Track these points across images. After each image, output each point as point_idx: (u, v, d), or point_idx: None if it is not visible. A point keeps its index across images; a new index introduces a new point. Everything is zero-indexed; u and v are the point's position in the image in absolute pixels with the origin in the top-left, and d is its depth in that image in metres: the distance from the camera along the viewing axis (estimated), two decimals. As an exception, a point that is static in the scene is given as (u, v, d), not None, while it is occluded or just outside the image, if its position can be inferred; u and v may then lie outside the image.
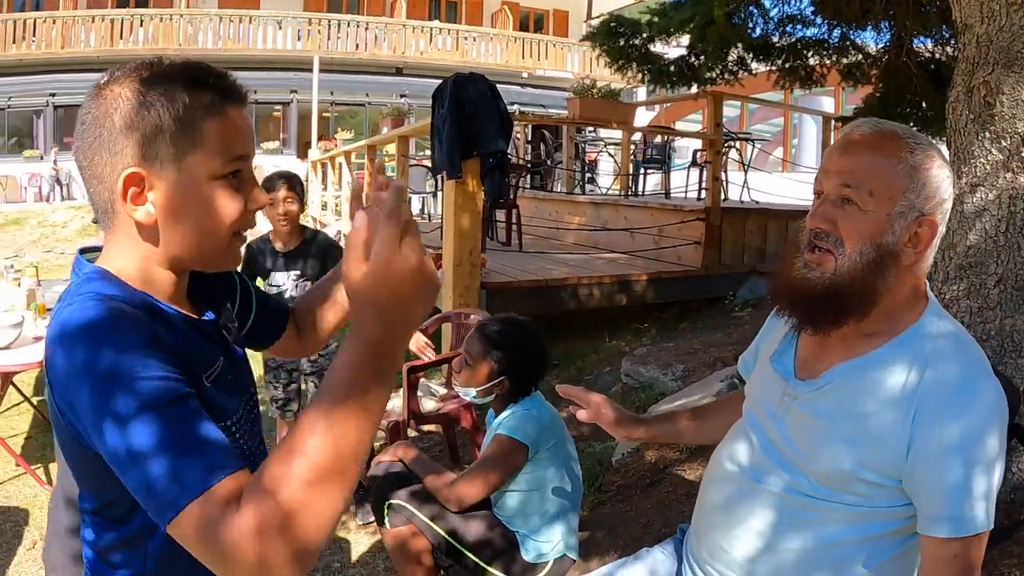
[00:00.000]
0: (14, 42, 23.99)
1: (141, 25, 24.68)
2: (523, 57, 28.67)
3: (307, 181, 20.68)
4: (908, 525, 1.58)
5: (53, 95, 24.73)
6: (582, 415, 2.11)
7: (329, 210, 15.30)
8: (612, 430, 2.13)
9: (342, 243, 12.17)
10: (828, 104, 16.68)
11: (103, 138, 1.25)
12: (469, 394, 3.24)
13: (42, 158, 24.20)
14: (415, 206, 14.81)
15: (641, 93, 21.60)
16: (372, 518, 4.90)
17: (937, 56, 7.91)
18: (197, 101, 1.24)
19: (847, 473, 1.57)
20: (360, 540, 4.60)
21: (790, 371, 1.76)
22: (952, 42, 7.50)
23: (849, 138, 1.64)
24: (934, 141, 1.64)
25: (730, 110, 17.43)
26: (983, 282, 2.93)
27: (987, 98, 2.88)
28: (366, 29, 26.77)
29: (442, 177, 8.79)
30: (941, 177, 1.58)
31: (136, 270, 1.30)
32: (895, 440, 1.53)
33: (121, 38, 24.44)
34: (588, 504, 4.31)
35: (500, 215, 9.43)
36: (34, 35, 24.08)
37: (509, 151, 8.36)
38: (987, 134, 2.89)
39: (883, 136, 1.60)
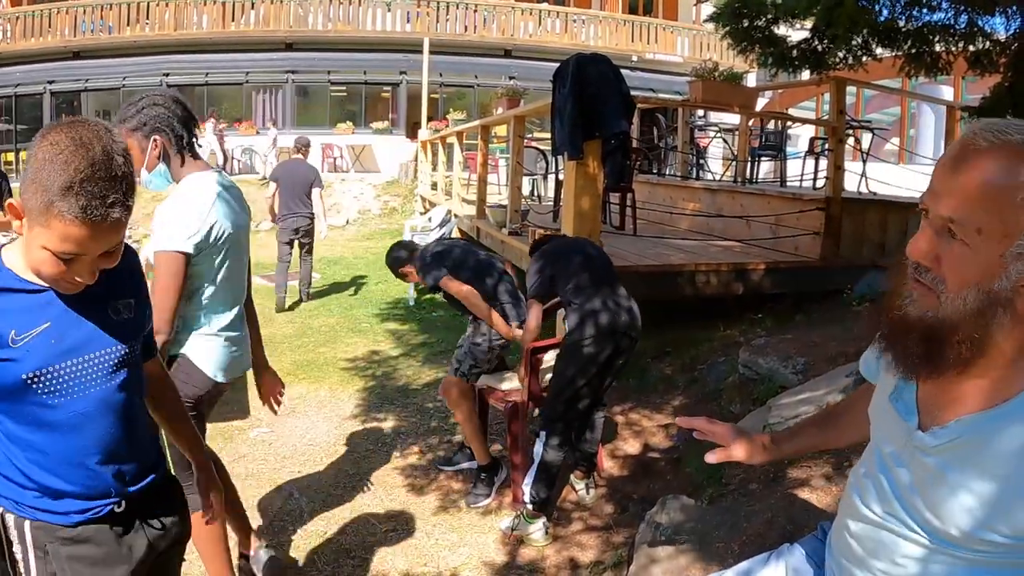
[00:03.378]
0: (128, 24, 24.63)
1: (252, 7, 25.12)
2: (632, 40, 28.48)
3: (416, 161, 20.91)
4: None
5: (167, 75, 25.37)
6: (711, 458, 1.92)
7: (439, 190, 15.37)
8: (748, 461, 1.95)
9: (454, 224, 12.25)
10: (947, 93, 16.23)
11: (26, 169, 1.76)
12: None
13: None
14: (525, 188, 14.82)
15: (751, 79, 21.27)
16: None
17: (1072, 44, 7.61)
18: (61, 204, 1.69)
19: (979, 539, 1.37)
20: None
21: (912, 414, 1.52)
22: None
23: (961, 152, 1.32)
24: None
25: (847, 98, 17.04)
26: None
27: None
28: (475, 11, 26.88)
29: (554, 159, 8.77)
30: None
31: (21, 257, 1.88)
32: None
33: (232, 20, 25.00)
34: (708, 495, 4.25)
35: (614, 199, 9.35)
36: (147, 18, 24.71)
37: (630, 134, 8.28)
38: None
39: (1003, 152, 1.27)
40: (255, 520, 4.65)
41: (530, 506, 4.57)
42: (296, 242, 11.15)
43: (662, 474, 5.11)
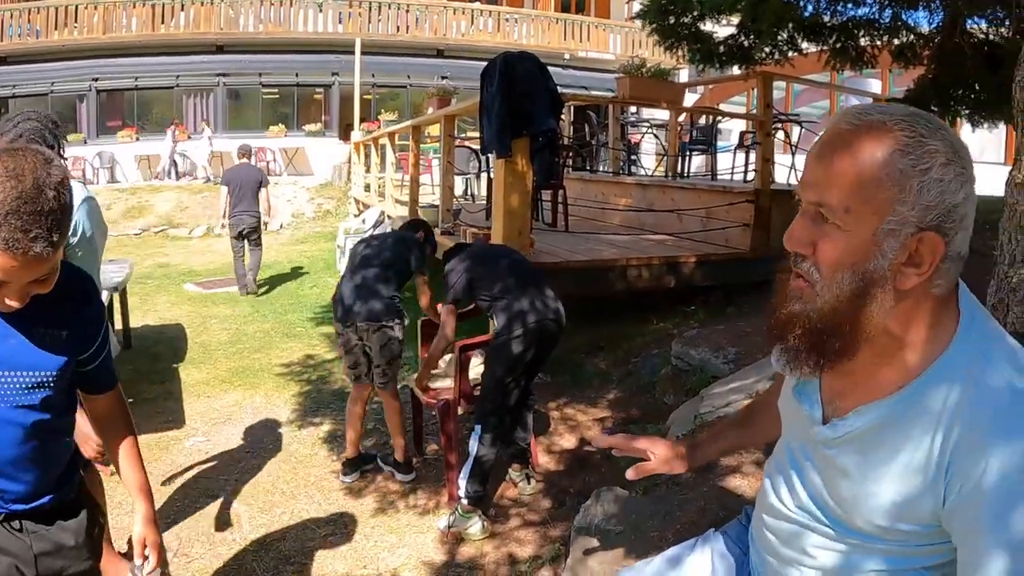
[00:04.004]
0: (56, 28, 24.16)
1: (182, 9, 24.77)
2: (564, 38, 28.52)
3: (349, 163, 20.80)
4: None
5: (96, 80, 24.92)
6: (631, 475, 1.91)
7: (373, 192, 15.31)
8: (669, 472, 1.94)
9: (387, 225, 12.26)
10: (875, 86, 16.48)
11: None
12: None
13: (86, 142, 24.41)
14: (459, 187, 14.80)
15: (684, 75, 21.44)
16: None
17: (992, 37, 7.78)
18: None
19: (887, 529, 1.36)
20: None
21: (815, 407, 1.51)
22: (1007, 23, 7.38)
23: (826, 138, 1.32)
24: (943, 125, 1.28)
25: (776, 92, 17.23)
26: (1055, 266, 2.85)
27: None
28: (407, 11, 26.76)
29: (486, 158, 8.78)
30: (946, 179, 1.24)
31: None
32: (931, 491, 1.29)
33: (163, 23, 24.58)
34: (642, 486, 4.28)
35: (546, 196, 9.40)
36: (76, 21, 24.23)
37: (558, 131, 8.32)
38: (1058, 115, 2.81)
39: (865, 132, 1.26)
40: (192, 532, 4.63)
41: (465, 501, 4.59)
42: (246, 237, 12.15)
43: (597, 467, 5.15)
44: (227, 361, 8.35)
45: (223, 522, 4.79)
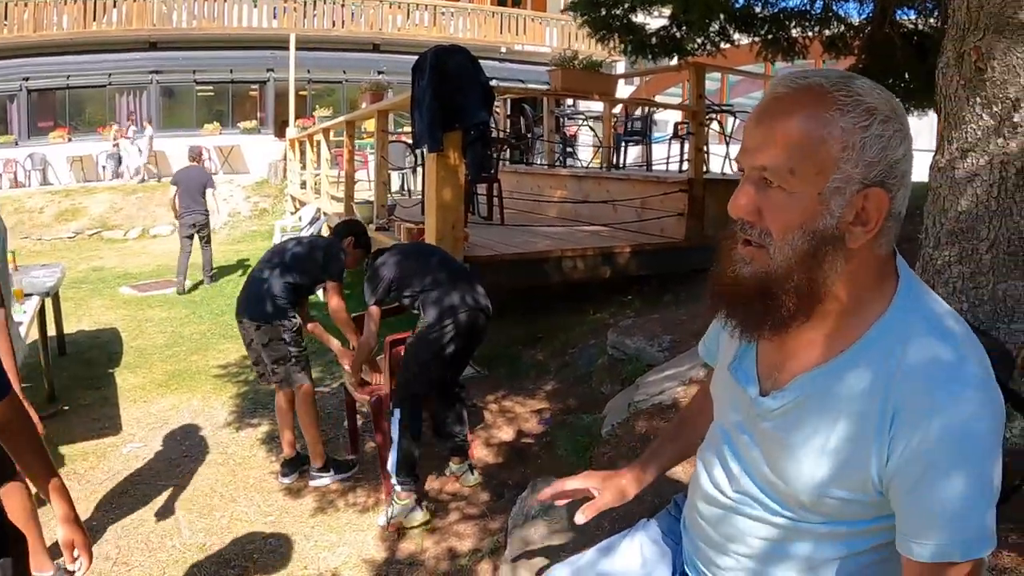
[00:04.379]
0: (-15, 27, 23.63)
1: (115, 6, 24.30)
2: (501, 32, 28.47)
3: (285, 160, 20.61)
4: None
5: (27, 79, 24.31)
6: (580, 519, 1.86)
7: (309, 189, 15.20)
8: (619, 503, 1.91)
9: (323, 222, 12.21)
10: (809, 76, 16.61)
11: None
12: None
13: (17, 143, 23.82)
14: (395, 183, 14.73)
15: (621, 67, 21.52)
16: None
17: (920, 27, 7.90)
18: None
19: (828, 500, 1.36)
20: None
21: (753, 382, 1.51)
22: (936, 13, 7.50)
23: (765, 103, 1.33)
24: (878, 85, 1.31)
25: (711, 83, 17.41)
26: (975, 247, 2.91)
27: (978, 64, 2.85)
28: (342, 6, 26.50)
29: (422, 152, 8.77)
30: (886, 135, 1.26)
31: None
32: (874, 454, 1.29)
33: (94, 20, 24.07)
34: (579, 477, 4.30)
35: (481, 189, 9.41)
36: (5, 19, 23.65)
37: (490, 124, 8.32)
38: (978, 99, 2.87)
39: (803, 94, 1.28)
40: (131, 539, 4.58)
41: (399, 489, 4.62)
42: (196, 236, 12.51)
43: (535, 458, 5.17)
44: (163, 364, 8.25)
45: (163, 529, 4.74)
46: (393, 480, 4.66)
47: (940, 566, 1.24)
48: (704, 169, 8.31)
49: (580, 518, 1.86)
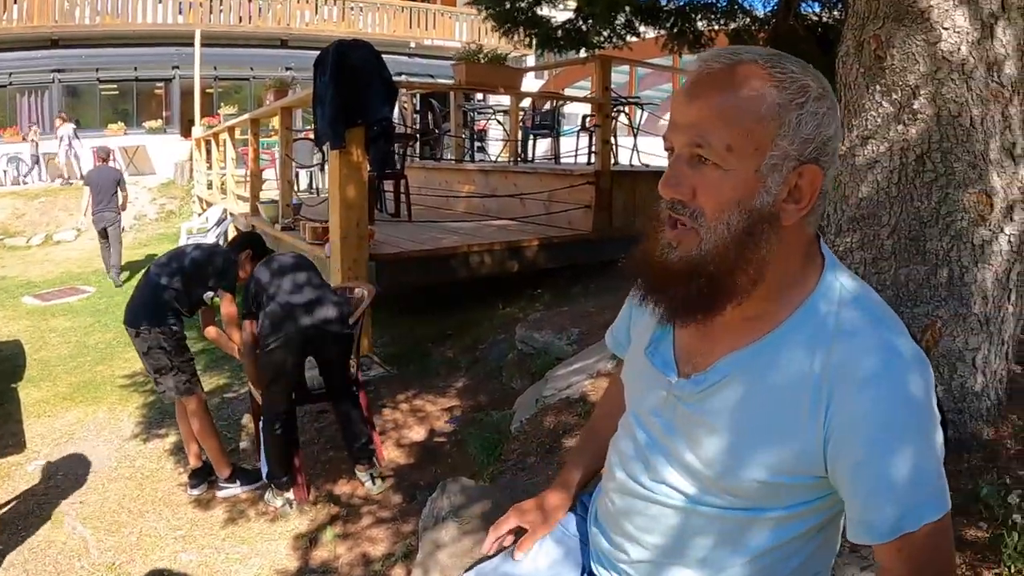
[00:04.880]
0: None
1: (15, 2, 23.53)
2: (410, 27, 28.30)
3: (191, 160, 20.21)
4: (836, 512, 1.36)
5: (-75, 81, 23.47)
6: (520, 556, 1.73)
7: (215, 189, 14.93)
8: (550, 528, 1.77)
9: (229, 223, 12.02)
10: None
11: None
12: None
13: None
14: (303, 181, 14.53)
15: (531, 61, 21.55)
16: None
17: (825, 19, 8.03)
18: None
19: (760, 482, 1.29)
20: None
21: (671, 367, 1.45)
22: (839, 5, 7.62)
23: (696, 78, 1.28)
24: (807, 64, 1.28)
25: (619, 76, 17.49)
26: (876, 233, 2.92)
27: (878, 52, 2.85)
28: (250, 1, 26.06)
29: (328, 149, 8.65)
30: (820, 112, 1.24)
31: None
32: (810, 433, 1.25)
33: (-5, 16, 23.33)
34: (488, 474, 4.27)
35: (388, 186, 9.33)
36: None
37: (396, 120, 8.23)
38: (878, 87, 2.87)
39: (739, 70, 1.24)
40: (39, 563, 4.45)
41: (272, 484, 4.84)
42: (107, 232, 13.02)
43: (447, 457, 5.12)
44: (68, 376, 8.03)
45: (71, 549, 4.60)
46: (264, 476, 4.91)
47: (902, 539, 1.20)
48: (612, 161, 8.33)
49: (519, 555, 1.75)
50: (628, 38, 8.72)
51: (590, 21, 8.45)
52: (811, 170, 1.24)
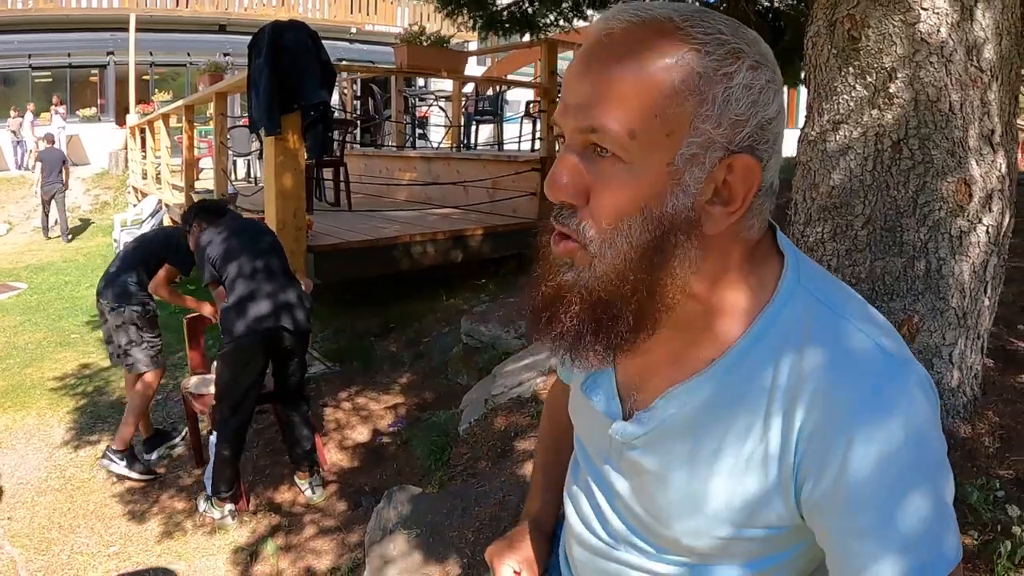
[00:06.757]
0: None
1: (-57, -14, 22.84)
2: (351, 12, 27.89)
3: (127, 149, 19.78)
4: (819, 566, 1.05)
5: None
6: None
7: (150, 178, 14.56)
8: (543, 553, 1.48)
9: (164, 213, 11.71)
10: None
11: None
12: None
13: None
14: (241, 169, 14.19)
15: (474, 46, 21.36)
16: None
17: (776, 5, 7.98)
18: None
19: (721, 539, 1.03)
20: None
21: (614, 404, 1.15)
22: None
23: (593, 44, 0.94)
24: (742, 24, 0.95)
25: (565, 62, 17.33)
26: (849, 223, 2.78)
27: (852, 32, 2.70)
28: (187, -15, 25.56)
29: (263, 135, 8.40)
30: (756, 86, 0.92)
31: None
32: (775, 477, 0.97)
33: (-79, 1, 22.58)
34: (437, 480, 4.09)
35: (327, 174, 9.10)
36: None
37: (335, 106, 8.00)
38: (851, 69, 2.72)
39: (646, 31, 0.91)
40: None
41: (215, 498, 4.59)
42: (53, 199, 16.75)
43: (392, 459, 4.94)
44: (-6, 380, 7.65)
45: None
46: (209, 491, 4.62)
47: None
48: (557, 147, 8.19)
49: None
50: (575, 22, 8.59)
51: (536, 4, 8.30)
52: (744, 161, 0.92)
